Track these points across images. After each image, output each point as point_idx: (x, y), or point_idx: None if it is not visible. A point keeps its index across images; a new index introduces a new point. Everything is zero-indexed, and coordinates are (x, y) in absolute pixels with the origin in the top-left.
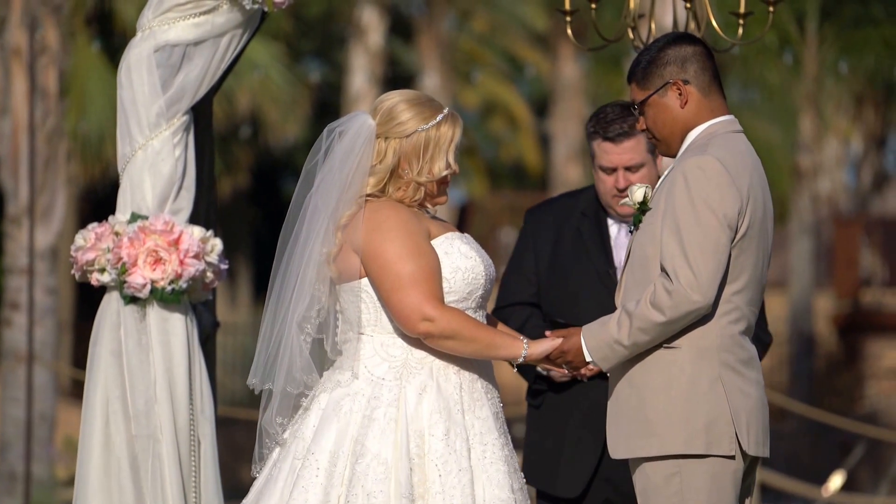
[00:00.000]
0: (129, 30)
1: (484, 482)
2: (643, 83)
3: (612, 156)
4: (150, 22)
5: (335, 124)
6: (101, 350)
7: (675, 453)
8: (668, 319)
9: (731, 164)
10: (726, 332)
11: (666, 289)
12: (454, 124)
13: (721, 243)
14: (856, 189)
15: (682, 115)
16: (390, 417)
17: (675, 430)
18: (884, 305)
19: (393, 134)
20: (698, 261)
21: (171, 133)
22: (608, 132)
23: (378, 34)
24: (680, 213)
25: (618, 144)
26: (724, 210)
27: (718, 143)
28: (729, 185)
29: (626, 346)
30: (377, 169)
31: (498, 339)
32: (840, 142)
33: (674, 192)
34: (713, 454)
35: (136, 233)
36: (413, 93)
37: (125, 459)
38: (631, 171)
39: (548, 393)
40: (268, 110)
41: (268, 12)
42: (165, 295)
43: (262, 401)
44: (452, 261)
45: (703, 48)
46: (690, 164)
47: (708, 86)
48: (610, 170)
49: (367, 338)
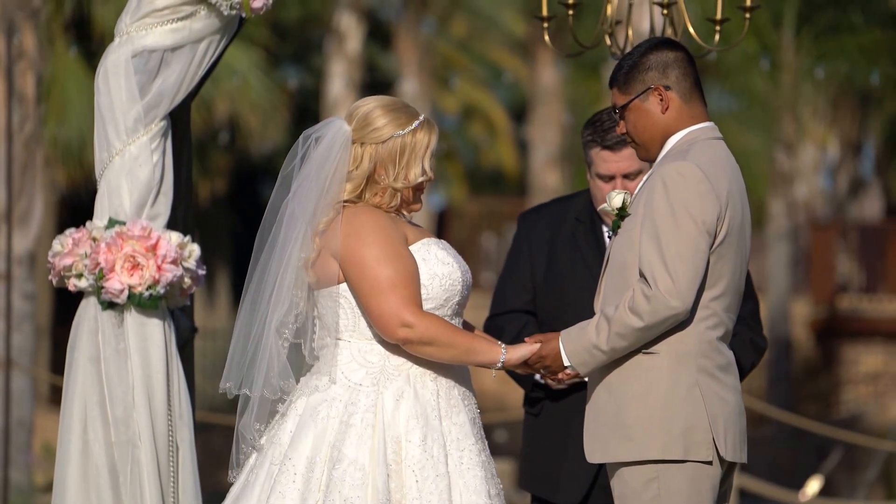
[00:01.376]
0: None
1: (461, 488)
2: (625, 88)
3: (610, 164)
4: (128, 27)
5: (311, 130)
6: (79, 356)
7: (653, 458)
8: (647, 325)
9: (710, 171)
10: (704, 337)
11: (644, 294)
12: (430, 131)
13: (700, 249)
14: (832, 195)
15: (662, 120)
16: (367, 423)
17: (653, 435)
18: (860, 311)
19: (369, 139)
20: (677, 267)
21: (149, 139)
22: (606, 140)
23: (356, 40)
24: (659, 218)
25: (616, 153)
26: (704, 216)
27: (698, 150)
28: (708, 191)
29: (605, 352)
30: (354, 175)
31: (476, 344)
32: (817, 148)
33: (653, 198)
34: (691, 460)
35: (113, 238)
36: (389, 99)
37: (103, 465)
38: (629, 179)
39: (545, 401)
40: (246, 116)
41: (246, 18)
42: (143, 300)
43: (239, 405)
44: (429, 267)
45: (685, 54)
46: (670, 169)
47: (689, 92)
48: (608, 178)
49: (344, 343)
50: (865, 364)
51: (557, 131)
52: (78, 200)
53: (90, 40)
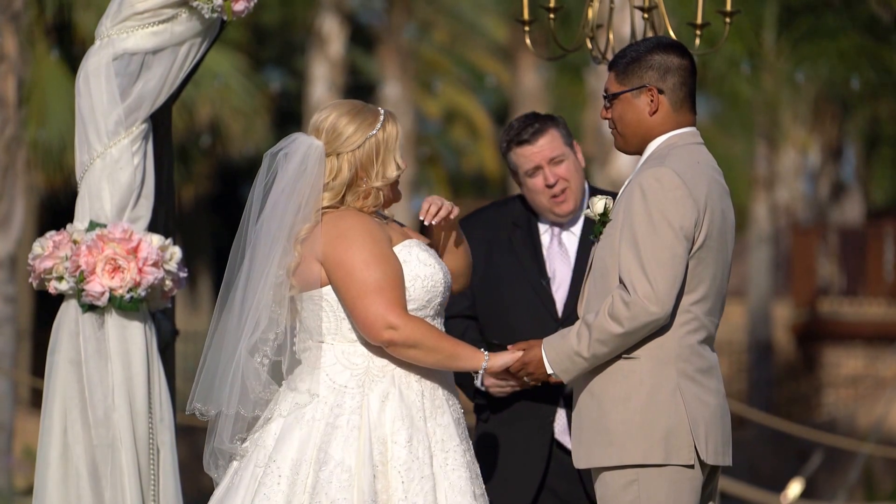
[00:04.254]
0: (89, 39)
1: (446, 489)
2: (622, 77)
3: (532, 155)
4: (109, 30)
5: (276, 148)
6: (60, 358)
7: (634, 463)
8: (626, 331)
9: (687, 176)
10: (685, 342)
11: (623, 300)
12: (395, 123)
13: (677, 255)
14: (814, 199)
15: (648, 121)
16: (353, 425)
17: (634, 440)
18: (841, 314)
19: (344, 149)
20: (655, 273)
21: (130, 141)
22: (521, 136)
23: (339, 43)
24: (637, 225)
25: (533, 143)
26: (681, 221)
27: (676, 155)
28: (685, 196)
29: (586, 358)
30: (333, 185)
31: (459, 349)
32: (798, 152)
33: (631, 204)
34: (672, 463)
35: (94, 241)
36: (345, 104)
37: (84, 468)
38: (555, 164)
39: (491, 407)
40: (228, 119)
41: (227, 21)
42: (124, 303)
43: (210, 423)
44: (411, 268)
45: (690, 64)
46: (647, 175)
47: (681, 101)
48: (534, 170)
49: (327, 346)
50: (846, 367)
51: None
52: (58, 203)
53: (71, 44)
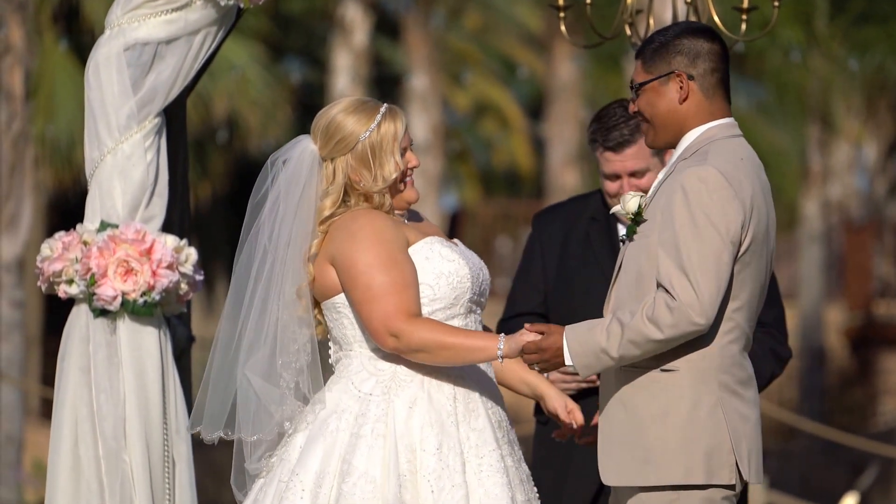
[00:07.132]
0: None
1: (480, 496)
2: (648, 65)
3: (614, 164)
4: (120, 19)
5: (279, 153)
6: (70, 366)
7: (674, 484)
8: (666, 338)
9: (732, 175)
10: (726, 351)
11: (668, 305)
12: (394, 119)
13: (723, 261)
14: (868, 195)
15: (678, 110)
16: (378, 433)
17: (674, 459)
18: None
19: (337, 152)
20: (700, 281)
21: (143, 136)
22: (608, 141)
23: (363, 32)
24: (679, 229)
25: (619, 153)
26: (727, 225)
27: (717, 150)
28: (731, 198)
29: (613, 358)
30: (330, 190)
31: (470, 341)
32: (851, 146)
33: (672, 206)
34: (713, 484)
35: (105, 242)
36: (346, 101)
37: (94, 482)
38: (636, 177)
39: None
40: (246, 113)
41: (244, 8)
42: (137, 307)
43: (237, 444)
44: (434, 266)
45: (721, 48)
46: (690, 175)
47: (713, 88)
48: (613, 177)
49: (355, 354)
50: None
51: (575, 129)
52: (67, 202)
53: (80, 33)
